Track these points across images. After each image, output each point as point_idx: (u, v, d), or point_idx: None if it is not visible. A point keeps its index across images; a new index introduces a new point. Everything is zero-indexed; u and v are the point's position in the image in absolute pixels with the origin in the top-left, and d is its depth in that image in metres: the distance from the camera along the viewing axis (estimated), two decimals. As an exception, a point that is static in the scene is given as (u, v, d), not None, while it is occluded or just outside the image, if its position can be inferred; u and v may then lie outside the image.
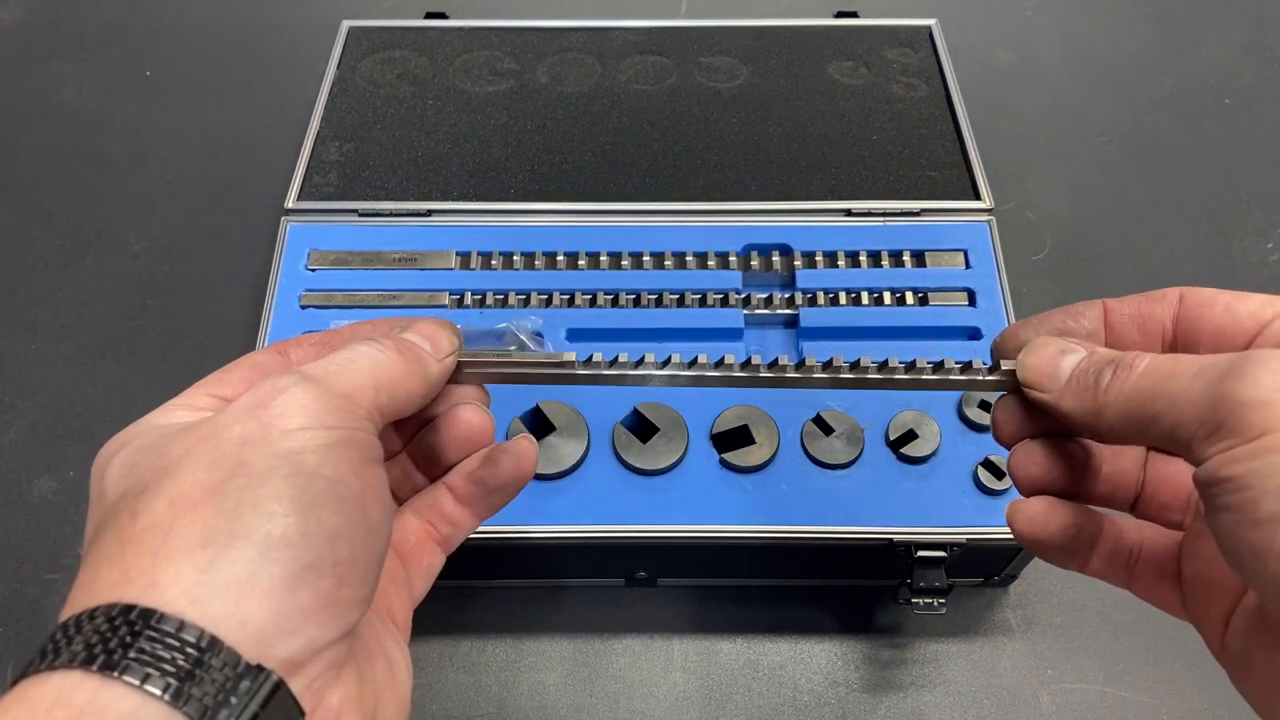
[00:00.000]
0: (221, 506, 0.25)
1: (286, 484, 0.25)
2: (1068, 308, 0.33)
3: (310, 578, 0.25)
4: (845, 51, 0.72)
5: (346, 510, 0.26)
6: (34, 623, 0.56)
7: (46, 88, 0.81)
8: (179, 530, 0.24)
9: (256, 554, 0.24)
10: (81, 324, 0.68)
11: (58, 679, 0.23)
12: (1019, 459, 0.32)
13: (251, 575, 0.24)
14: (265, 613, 0.24)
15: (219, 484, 0.25)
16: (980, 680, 0.54)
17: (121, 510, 0.26)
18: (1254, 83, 0.82)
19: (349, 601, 0.26)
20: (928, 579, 0.50)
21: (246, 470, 0.25)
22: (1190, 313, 0.30)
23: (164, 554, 0.24)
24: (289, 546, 0.25)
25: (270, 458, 0.25)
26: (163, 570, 0.24)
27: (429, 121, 0.68)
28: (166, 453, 0.27)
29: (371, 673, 0.29)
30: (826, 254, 0.61)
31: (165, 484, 0.26)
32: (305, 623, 0.25)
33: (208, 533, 0.24)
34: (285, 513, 0.25)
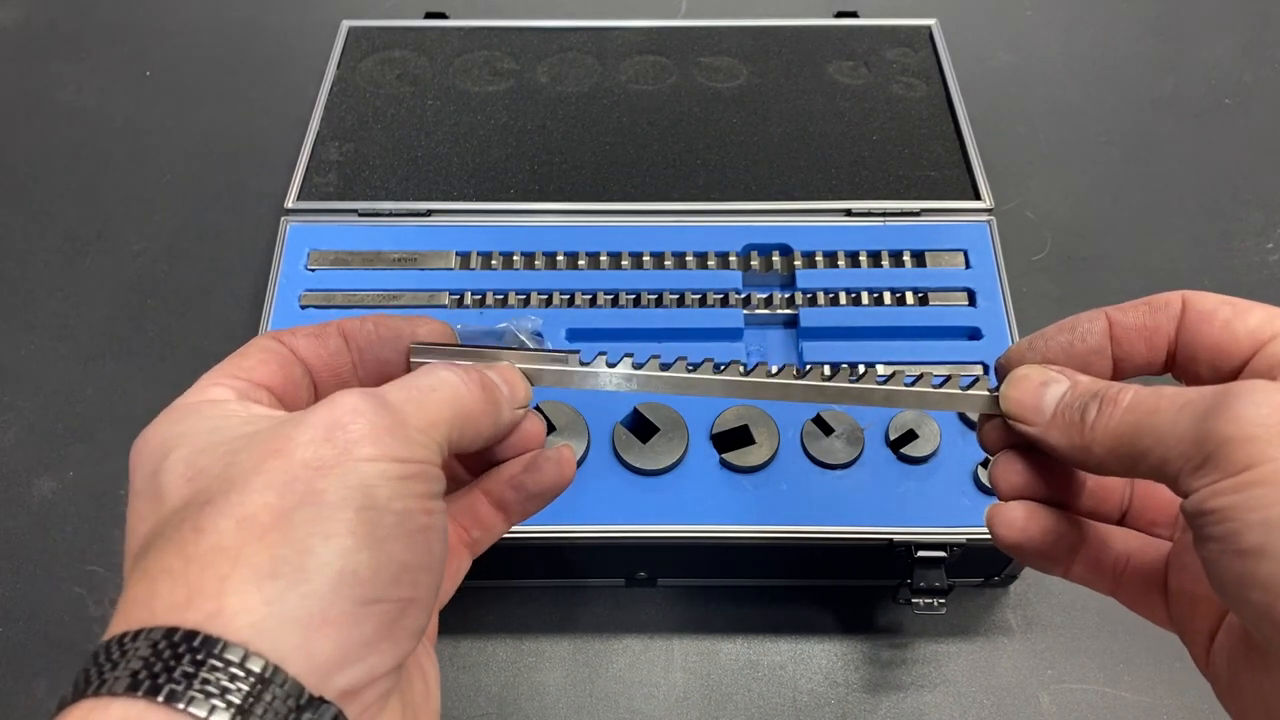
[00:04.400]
0: (291, 536, 0.24)
1: (359, 518, 0.25)
2: (1072, 324, 0.32)
3: (376, 611, 0.25)
4: (845, 51, 0.72)
5: (414, 545, 0.26)
6: (34, 623, 0.56)
7: (46, 88, 0.81)
8: (247, 557, 0.24)
9: (328, 589, 0.24)
10: (81, 324, 0.68)
11: (120, 707, 0.22)
12: (1001, 469, 0.32)
13: (322, 610, 0.24)
14: (330, 646, 0.24)
15: (289, 511, 0.25)
16: (980, 680, 0.54)
17: (184, 522, 0.25)
18: (1254, 83, 0.82)
19: (408, 632, 0.26)
20: (928, 579, 0.50)
21: (319, 499, 0.25)
22: (1191, 325, 0.30)
23: (232, 580, 0.24)
24: (359, 583, 0.25)
25: (343, 488, 0.25)
26: (230, 598, 0.23)
27: (429, 121, 0.68)
28: (235, 463, 0.26)
29: (411, 695, 0.29)
30: (826, 254, 0.61)
31: (233, 501, 0.25)
32: (366, 654, 0.25)
33: (276, 563, 0.24)
34: (357, 548, 0.25)
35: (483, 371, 0.32)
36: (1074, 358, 0.32)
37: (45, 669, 0.54)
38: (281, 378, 0.31)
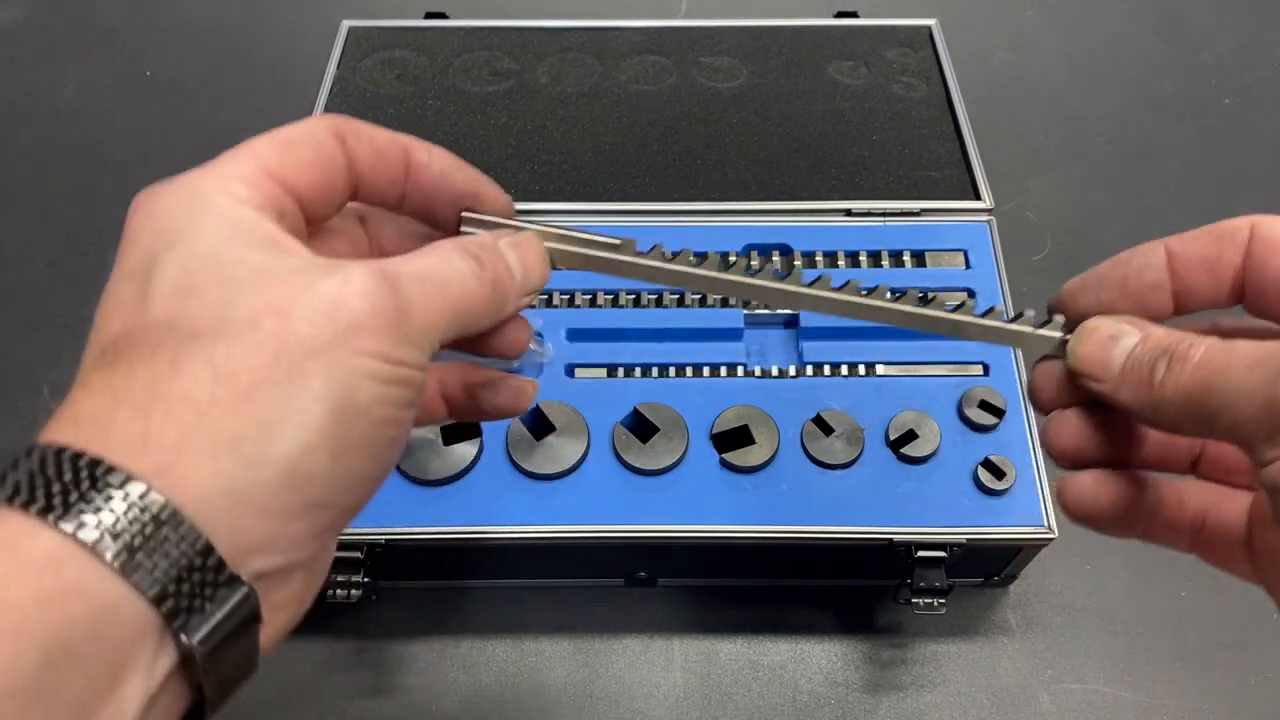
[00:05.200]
0: (262, 412, 0.23)
1: (333, 418, 0.24)
2: (1127, 258, 0.30)
3: (316, 513, 0.25)
4: (845, 51, 0.72)
5: (376, 456, 0.26)
6: (34, 623, 0.56)
7: (46, 88, 0.81)
8: (214, 419, 0.23)
9: (278, 483, 0.23)
10: (82, 324, 0.67)
11: (49, 540, 0.21)
12: (1056, 430, 0.30)
13: (265, 499, 0.23)
14: (259, 531, 0.23)
15: (271, 383, 0.24)
16: (980, 680, 0.54)
17: (162, 348, 0.24)
18: (1254, 83, 0.82)
19: (336, 530, 0.26)
20: (928, 579, 0.50)
21: (303, 382, 0.24)
22: (1258, 255, 0.28)
23: (189, 439, 0.23)
24: (311, 484, 0.24)
25: (329, 378, 0.24)
26: (183, 457, 0.23)
27: (429, 121, 0.68)
28: (231, 303, 0.24)
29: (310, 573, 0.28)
30: (826, 254, 0.61)
31: (219, 351, 0.24)
32: (290, 546, 0.24)
33: (238, 437, 0.23)
34: (321, 450, 0.24)
35: (502, 262, 0.30)
36: (1129, 295, 0.29)
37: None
38: (320, 187, 0.29)
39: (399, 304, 0.26)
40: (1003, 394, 0.54)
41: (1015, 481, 0.51)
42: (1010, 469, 0.51)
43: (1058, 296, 0.31)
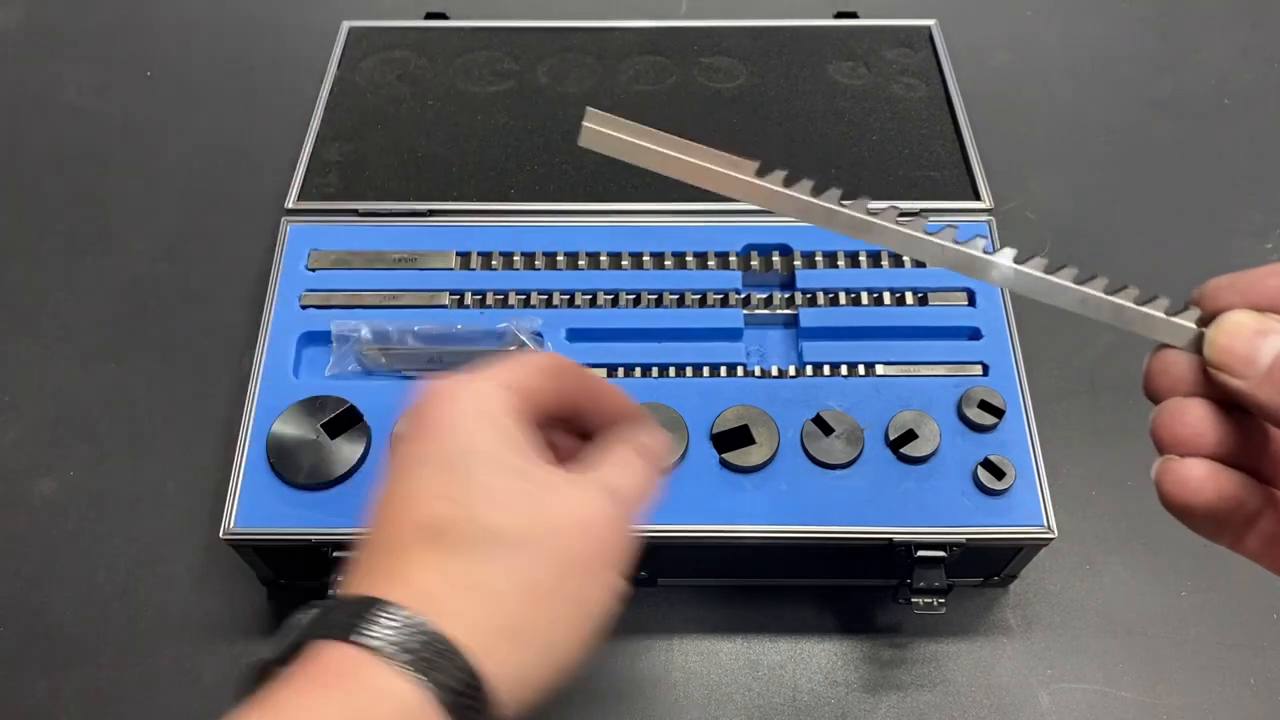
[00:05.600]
0: (552, 616, 0.30)
1: (593, 622, 0.31)
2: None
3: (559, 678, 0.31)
4: (845, 52, 0.72)
5: (596, 642, 0.32)
6: (34, 622, 0.56)
7: (46, 88, 0.81)
8: (520, 615, 0.30)
9: (552, 670, 0.30)
10: (81, 324, 0.68)
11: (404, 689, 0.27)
12: (1173, 416, 0.29)
13: (538, 680, 0.30)
14: (524, 704, 0.30)
15: (559, 592, 0.30)
16: (980, 680, 0.54)
17: (479, 543, 0.30)
18: (1254, 83, 0.82)
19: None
20: (927, 579, 0.50)
21: (578, 593, 0.31)
22: None
23: (503, 628, 0.29)
24: (566, 672, 0.31)
25: (587, 590, 0.31)
26: (500, 642, 0.29)
27: (429, 122, 0.68)
28: (524, 513, 0.31)
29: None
30: (826, 254, 0.61)
31: (520, 558, 0.30)
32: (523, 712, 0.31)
33: (533, 633, 0.30)
34: (582, 646, 0.31)
35: (665, 454, 0.37)
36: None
37: (45, 669, 0.54)
38: (554, 408, 0.36)
39: (625, 522, 0.32)
40: (1002, 394, 0.54)
41: (1015, 481, 0.51)
42: (1010, 469, 0.51)
43: (1202, 290, 0.30)
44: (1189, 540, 0.60)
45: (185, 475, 0.61)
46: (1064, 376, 0.65)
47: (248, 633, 0.56)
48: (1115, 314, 0.31)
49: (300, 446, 0.52)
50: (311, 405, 0.53)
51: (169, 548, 0.58)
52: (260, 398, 0.54)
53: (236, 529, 0.50)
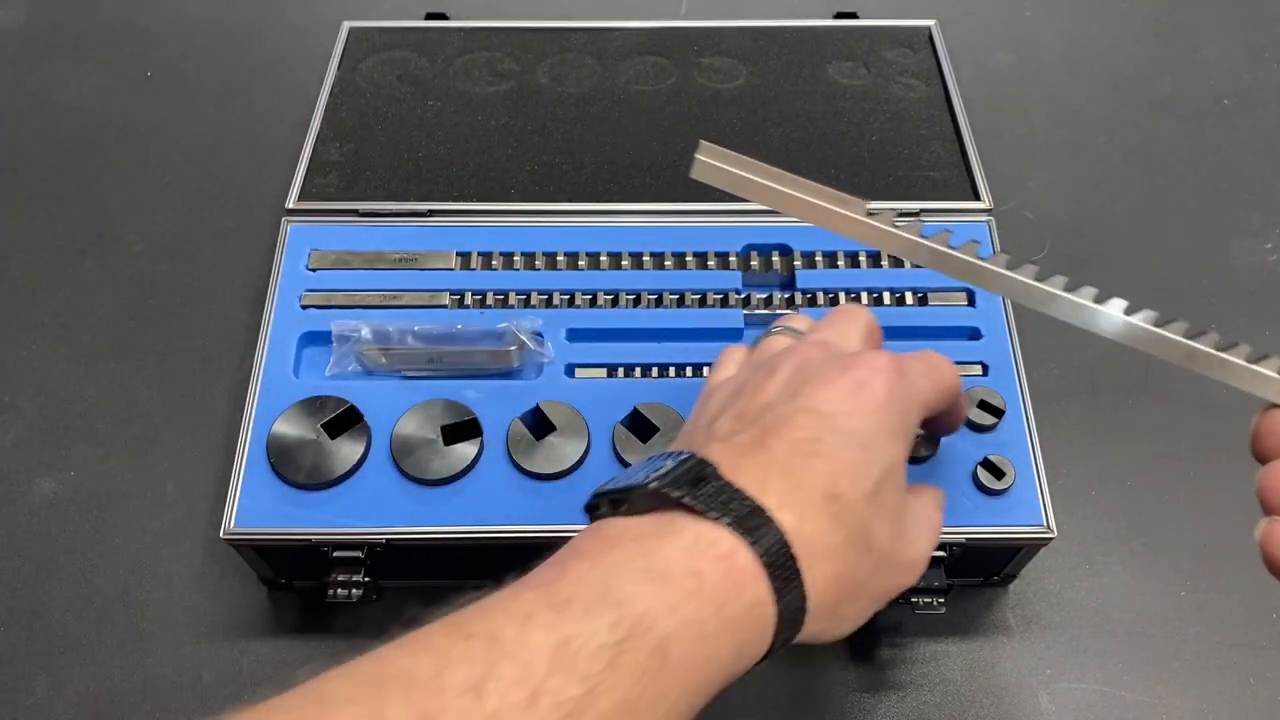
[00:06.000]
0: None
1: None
2: None
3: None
4: (845, 52, 0.72)
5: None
6: (34, 621, 0.56)
7: (46, 88, 0.82)
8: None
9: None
10: (81, 324, 0.68)
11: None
12: (1278, 478, 0.29)
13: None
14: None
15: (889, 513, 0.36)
16: (979, 680, 0.54)
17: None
18: (1254, 83, 0.82)
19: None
20: (927, 578, 0.50)
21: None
22: None
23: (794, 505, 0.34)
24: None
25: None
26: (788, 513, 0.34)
27: (429, 122, 0.68)
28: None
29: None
30: (826, 254, 0.61)
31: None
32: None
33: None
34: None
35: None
36: None
37: (45, 669, 0.54)
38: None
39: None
40: (1002, 394, 0.54)
41: (1015, 481, 0.51)
42: (1010, 469, 0.51)
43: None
44: (1189, 540, 0.61)
45: (185, 475, 0.61)
46: (1064, 376, 0.65)
47: (248, 633, 0.56)
48: (1223, 370, 0.31)
49: (300, 446, 0.52)
50: (311, 405, 0.53)
51: (169, 548, 0.58)
52: (260, 398, 0.54)
53: (236, 529, 0.50)
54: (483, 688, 0.27)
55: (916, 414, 0.39)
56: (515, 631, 0.28)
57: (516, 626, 0.28)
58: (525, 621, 0.29)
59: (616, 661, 0.28)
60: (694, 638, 0.30)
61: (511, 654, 0.27)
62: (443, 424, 0.53)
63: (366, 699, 0.26)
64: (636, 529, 0.33)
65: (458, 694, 0.26)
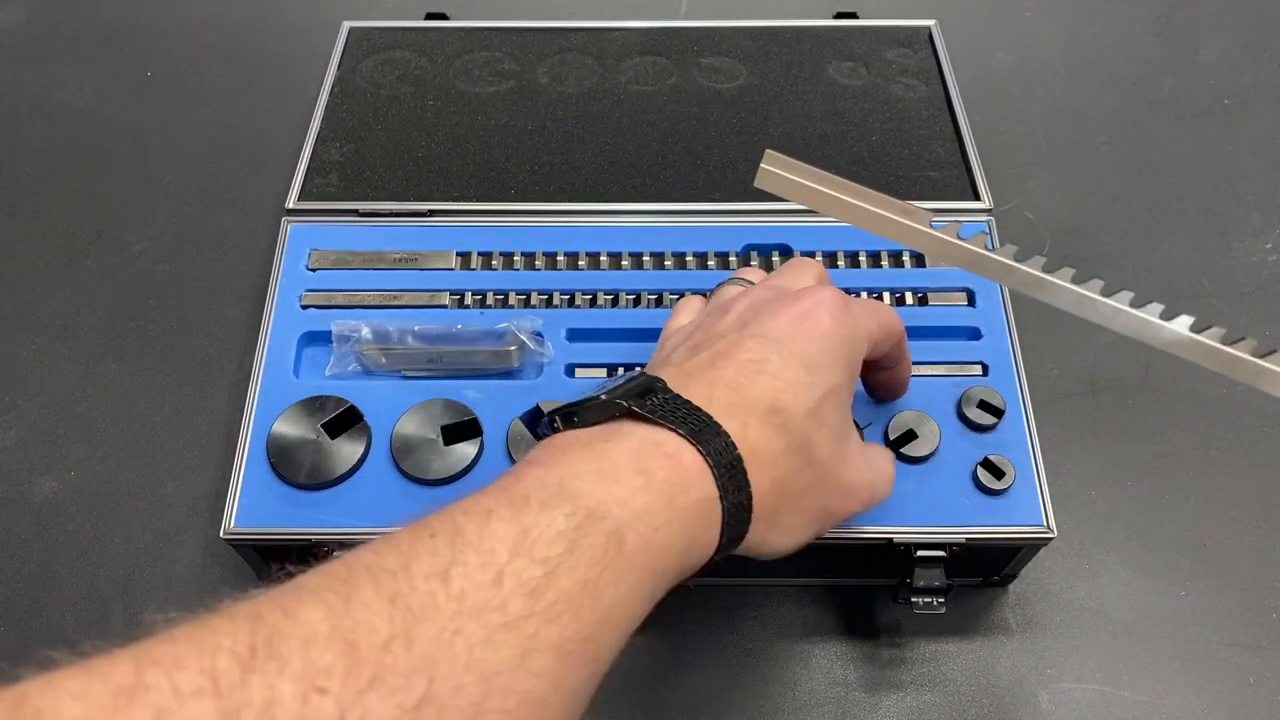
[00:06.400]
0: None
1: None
2: None
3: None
4: (845, 52, 0.72)
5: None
6: (34, 621, 0.56)
7: (46, 88, 0.82)
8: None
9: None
10: (81, 324, 0.68)
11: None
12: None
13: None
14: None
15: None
16: (979, 679, 0.54)
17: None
18: (1254, 83, 0.82)
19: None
20: (927, 578, 0.50)
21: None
22: None
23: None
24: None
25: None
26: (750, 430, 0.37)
27: (429, 122, 0.68)
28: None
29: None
30: (826, 254, 0.61)
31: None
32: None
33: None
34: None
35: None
36: None
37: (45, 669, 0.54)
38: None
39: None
40: (1002, 394, 0.54)
41: (1015, 481, 0.51)
42: (1010, 469, 0.51)
43: None
44: (1189, 540, 0.61)
45: (185, 475, 0.61)
46: (1064, 376, 0.65)
47: (248, 632, 0.56)
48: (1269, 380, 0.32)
49: (300, 446, 0.52)
50: (311, 405, 0.53)
51: (169, 548, 0.58)
52: (260, 398, 0.54)
53: (236, 529, 0.51)
54: (448, 573, 0.28)
55: (861, 345, 0.42)
56: (477, 527, 0.30)
57: (478, 523, 0.30)
58: (486, 517, 0.30)
59: (574, 546, 0.30)
60: (647, 526, 0.33)
61: (474, 545, 0.29)
62: (443, 424, 0.53)
63: (337, 586, 0.28)
64: (586, 437, 0.35)
65: (424, 579, 0.28)
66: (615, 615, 0.32)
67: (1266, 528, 0.59)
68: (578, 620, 0.30)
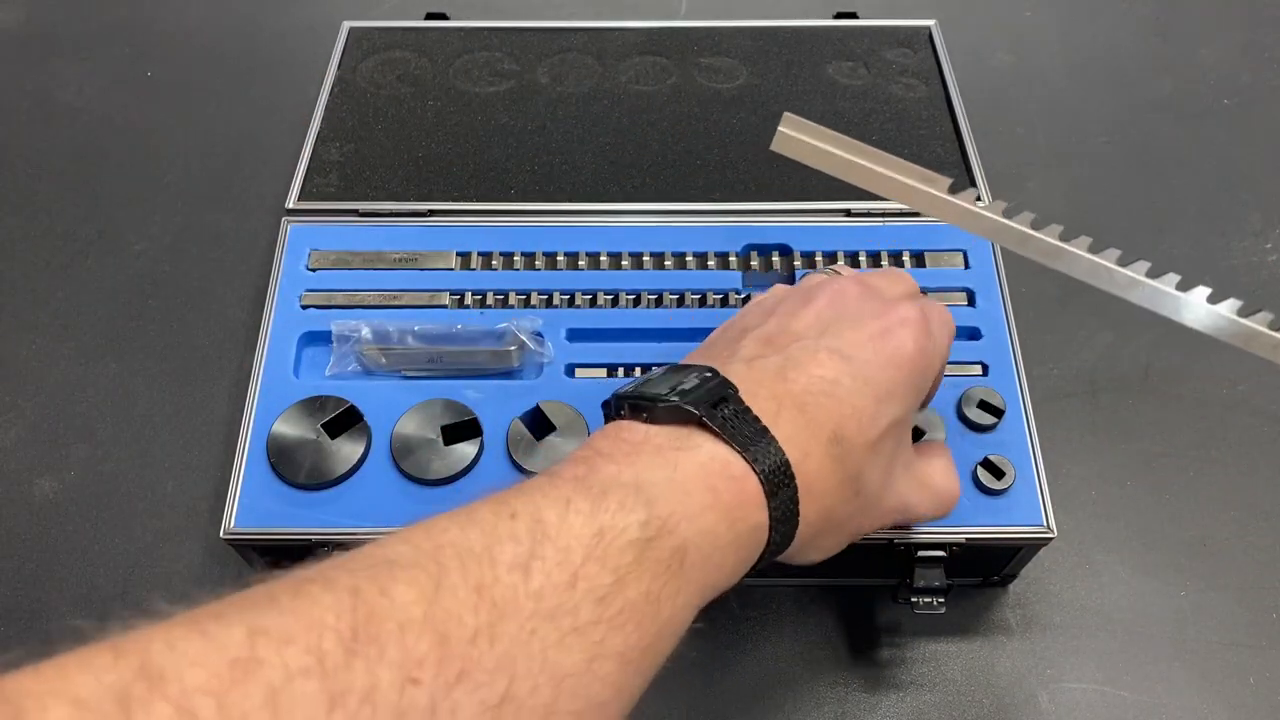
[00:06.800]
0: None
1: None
2: None
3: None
4: (845, 52, 0.72)
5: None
6: (34, 622, 0.56)
7: (46, 88, 0.82)
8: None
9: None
10: (81, 324, 0.68)
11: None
12: None
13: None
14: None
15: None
16: (979, 680, 0.54)
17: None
18: (1254, 83, 0.82)
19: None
20: (927, 578, 0.50)
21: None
22: None
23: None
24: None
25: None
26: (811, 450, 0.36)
27: (429, 122, 0.68)
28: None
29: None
30: (826, 254, 0.61)
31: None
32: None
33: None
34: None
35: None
36: None
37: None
38: None
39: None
40: (1002, 394, 0.54)
41: (1015, 481, 0.51)
42: (1010, 469, 0.51)
43: None
44: (1189, 540, 0.60)
45: (185, 475, 0.61)
46: (1064, 376, 0.65)
47: (248, 632, 0.56)
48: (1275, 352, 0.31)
49: (300, 446, 0.52)
50: (311, 405, 0.53)
51: (169, 548, 0.58)
52: (260, 398, 0.54)
53: (236, 529, 0.50)
54: (529, 566, 0.28)
55: (936, 369, 0.40)
56: (556, 516, 0.30)
57: (558, 512, 0.30)
58: (565, 507, 0.30)
59: (642, 557, 0.30)
60: (709, 545, 0.33)
61: (553, 538, 0.29)
62: (443, 424, 0.53)
63: (427, 565, 0.28)
64: (657, 439, 0.35)
65: (507, 570, 0.28)
66: (671, 626, 0.32)
67: (1266, 528, 0.59)
68: (640, 630, 0.30)
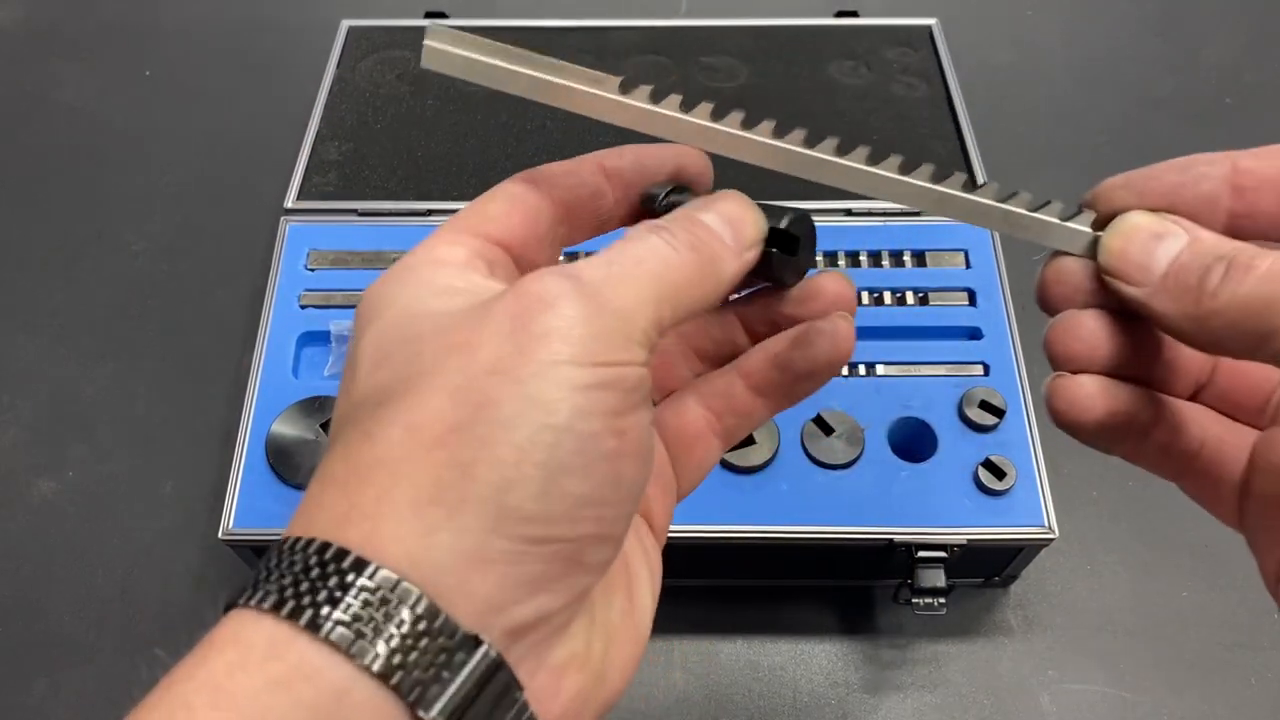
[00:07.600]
0: (457, 455, 0.21)
1: (532, 442, 0.21)
2: (1186, 164, 0.27)
3: (545, 551, 0.22)
4: (845, 51, 0.72)
5: (596, 476, 0.22)
6: (34, 622, 0.56)
7: (46, 88, 0.81)
8: (409, 474, 0.22)
9: (486, 526, 0.21)
10: (81, 324, 0.68)
11: (270, 626, 0.21)
12: (1065, 330, 0.27)
13: (480, 548, 0.21)
14: (490, 586, 0.21)
15: (460, 424, 0.22)
16: (980, 681, 0.54)
17: (359, 423, 0.23)
18: (1254, 83, 0.82)
19: (587, 568, 0.23)
20: (928, 579, 0.50)
21: (492, 413, 0.22)
22: None
23: (387, 502, 0.21)
24: (523, 521, 0.21)
25: (519, 400, 0.22)
26: (385, 520, 0.21)
27: (429, 121, 0.68)
28: (418, 353, 0.23)
29: (607, 613, 0.26)
30: (826, 254, 0.61)
31: (406, 404, 0.22)
32: (534, 593, 0.22)
33: (439, 486, 0.21)
34: (524, 481, 0.21)
35: (696, 223, 0.26)
36: (1178, 204, 0.27)
37: (45, 669, 0.54)
38: (524, 231, 0.28)
39: (587, 300, 0.23)
40: (1003, 394, 0.54)
41: (1016, 481, 0.51)
42: (1011, 469, 0.51)
43: (1092, 192, 0.28)
44: (1190, 540, 0.60)
45: (185, 475, 0.61)
46: (1064, 376, 0.65)
47: (247, 633, 0.56)
48: (1006, 221, 0.28)
49: (299, 446, 0.52)
50: (311, 405, 0.53)
51: (168, 548, 0.58)
52: (259, 398, 0.54)
53: (235, 529, 0.50)
54: None
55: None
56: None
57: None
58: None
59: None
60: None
61: None
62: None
63: None
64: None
65: None
66: None
67: (1268, 528, 0.59)
68: None
